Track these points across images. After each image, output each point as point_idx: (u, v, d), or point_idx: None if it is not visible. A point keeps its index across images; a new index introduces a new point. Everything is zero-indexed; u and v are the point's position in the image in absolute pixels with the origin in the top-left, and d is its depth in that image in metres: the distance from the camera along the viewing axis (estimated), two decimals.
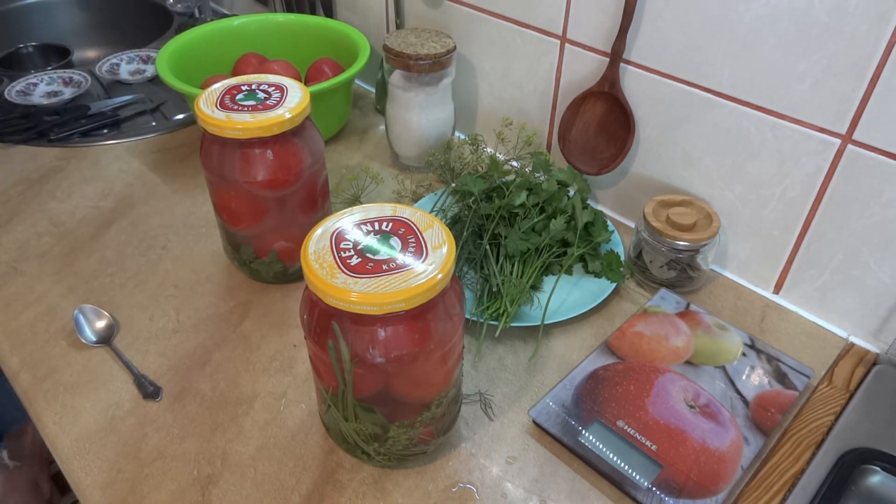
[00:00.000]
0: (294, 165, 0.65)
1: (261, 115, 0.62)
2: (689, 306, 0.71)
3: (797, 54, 0.61)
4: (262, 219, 0.67)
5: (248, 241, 0.69)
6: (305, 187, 0.67)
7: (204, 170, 0.66)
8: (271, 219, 0.67)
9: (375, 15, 1.04)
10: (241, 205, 0.66)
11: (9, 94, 1.04)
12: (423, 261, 0.45)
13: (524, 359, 0.66)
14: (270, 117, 0.61)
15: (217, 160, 0.64)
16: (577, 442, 0.57)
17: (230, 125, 0.60)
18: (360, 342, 0.46)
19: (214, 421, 0.60)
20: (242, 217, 0.68)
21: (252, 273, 0.73)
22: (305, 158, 0.65)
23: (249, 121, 0.61)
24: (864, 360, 0.67)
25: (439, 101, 0.88)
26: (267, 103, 0.63)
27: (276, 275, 0.72)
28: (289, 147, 0.64)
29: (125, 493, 0.54)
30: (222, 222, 0.70)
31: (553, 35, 0.80)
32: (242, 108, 0.62)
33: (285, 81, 0.67)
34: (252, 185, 0.64)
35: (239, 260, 0.72)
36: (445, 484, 0.55)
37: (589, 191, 0.77)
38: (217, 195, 0.68)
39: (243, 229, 0.69)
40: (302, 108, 0.63)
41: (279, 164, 0.64)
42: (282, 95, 0.64)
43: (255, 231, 0.69)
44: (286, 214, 0.68)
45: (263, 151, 0.63)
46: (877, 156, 0.60)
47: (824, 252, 0.68)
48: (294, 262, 0.72)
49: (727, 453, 0.56)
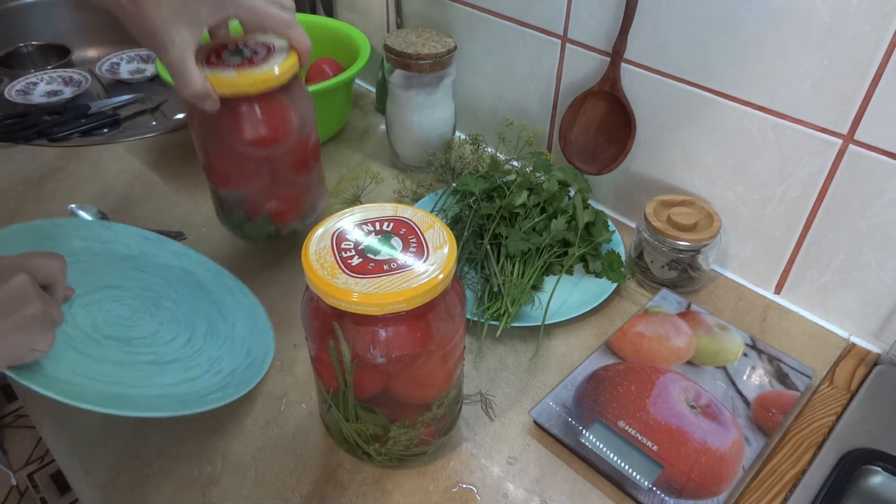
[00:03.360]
0: (282, 124, 0.63)
1: (247, 71, 0.60)
2: (690, 306, 0.71)
3: (799, 54, 0.61)
4: (251, 179, 0.66)
5: (239, 202, 0.68)
6: (295, 147, 0.66)
7: (191, 130, 0.65)
8: (261, 179, 0.66)
9: (376, 14, 1.04)
10: (229, 165, 0.65)
11: (9, 94, 1.04)
12: (424, 261, 0.45)
13: (525, 359, 0.66)
14: (257, 73, 0.60)
15: (204, 119, 0.62)
16: (578, 442, 0.57)
17: (216, 81, 0.58)
18: (360, 342, 0.46)
19: (214, 421, 0.60)
20: (232, 178, 0.66)
21: (244, 235, 0.71)
22: (293, 117, 0.64)
23: (235, 77, 0.59)
24: (866, 361, 0.67)
25: (440, 101, 0.88)
26: (253, 60, 0.61)
27: (268, 236, 0.71)
28: (276, 105, 0.62)
29: (125, 493, 0.54)
30: (212, 184, 0.69)
31: (554, 35, 0.80)
32: (228, 66, 0.60)
33: (273, 40, 0.64)
34: (240, 143, 0.62)
35: (230, 222, 0.70)
36: (446, 484, 0.55)
37: (590, 191, 0.77)
38: (205, 156, 0.66)
39: (233, 190, 0.67)
40: (290, 65, 0.61)
41: (267, 122, 0.62)
42: (268, 53, 0.62)
43: (246, 192, 0.67)
44: (276, 175, 0.66)
45: (251, 109, 0.61)
46: (878, 156, 0.60)
47: (825, 252, 0.68)
48: (286, 223, 0.70)
49: (728, 454, 0.56)
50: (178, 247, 0.72)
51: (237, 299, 0.68)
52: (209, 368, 0.58)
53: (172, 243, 0.71)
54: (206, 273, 0.70)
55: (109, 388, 0.52)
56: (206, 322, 0.64)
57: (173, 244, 0.71)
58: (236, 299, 0.68)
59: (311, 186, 0.72)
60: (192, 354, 0.59)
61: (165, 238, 0.72)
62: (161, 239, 0.71)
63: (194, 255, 0.71)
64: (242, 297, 0.69)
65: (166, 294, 0.65)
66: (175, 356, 0.58)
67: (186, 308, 0.64)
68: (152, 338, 0.60)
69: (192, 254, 0.71)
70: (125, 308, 0.61)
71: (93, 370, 0.53)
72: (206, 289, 0.68)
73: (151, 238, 0.71)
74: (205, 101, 0.58)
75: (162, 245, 0.71)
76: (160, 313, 0.62)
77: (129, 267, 0.66)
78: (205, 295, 0.67)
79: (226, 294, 0.68)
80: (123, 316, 0.60)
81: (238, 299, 0.69)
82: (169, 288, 0.66)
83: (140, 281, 0.65)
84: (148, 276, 0.66)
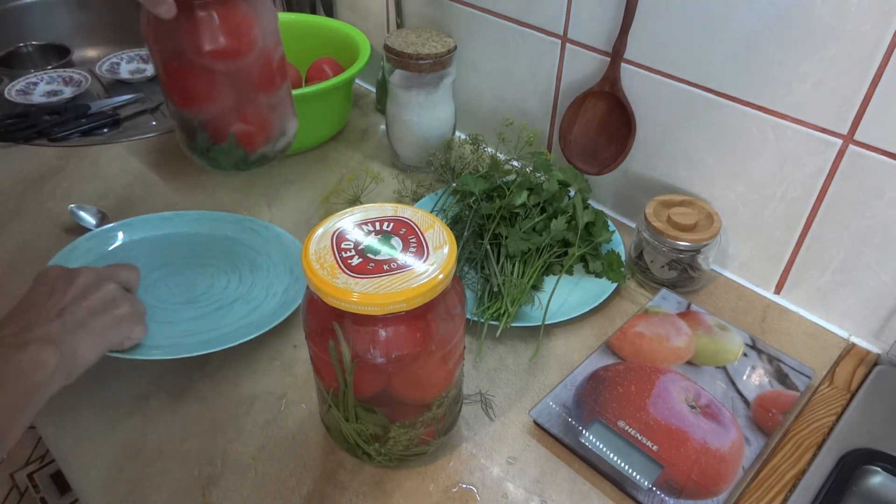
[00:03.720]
0: (245, 32, 0.60)
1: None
2: (690, 306, 0.71)
3: (799, 54, 0.61)
4: (215, 97, 0.62)
5: (203, 125, 0.64)
6: (260, 61, 0.63)
7: (147, 44, 0.61)
8: (226, 97, 0.62)
9: (376, 14, 1.04)
10: (190, 81, 0.61)
11: (9, 94, 1.04)
12: (424, 261, 0.45)
13: (525, 359, 0.66)
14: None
15: (163, 32, 0.59)
16: (578, 442, 0.57)
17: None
18: (360, 342, 0.46)
19: (214, 421, 0.60)
20: (194, 95, 0.62)
21: (211, 162, 0.67)
22: (257, 25, 0.61)
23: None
24: (866, 361, 0.67)
25: (440, 101, 0.88)
26: None
27: (236, 163, 0.67)
28: (239, 11, 0.59)
29: (125, 493, 0.54)
30: (173, 106, 0.65)
31: (554, 35, 0.80)
32: None
33: None
34: (200, 55, 0.59)
35: (196, 149, 0.66)
36: (446, 484, 0.55)
37: (590, 191, 0.77)
38: (165, 72, 0.62)
39: (196, 111, 0.63)
40: None
41: (229, 29, 0.59)
42: None
43: (210, 112, 0.63)
44: (241, 92, 0.63)
45: (210, 15, 0.58)
46: (878, 156, 0.60)
47: (825, 252, 0.68)
48: (255, 149, 0.67)
49: (728, 454, 0.56)
50: (194, 215, 0.81)
51: (262, 234, 0.79)
52: (266, 294, 0.71)
53: (188, 214, 0.81)
54: (227, 224, 0.80)
55: (195, 339, 0.64)
56: (246, 262, 0.75)
57: (188, 214, 0.81)
58: (261, 235, 0.79)
59: (278, 106, 0.67)
60: (247, 290, 0.71)
61: (181, 212, 0.81)
62: (178, 215, 0.80)
63: (211, 215, 0.81)
64: (265, 230, 0.79)
65: (204, 254, 0.76)
66: (234, 297, 0.70)
67: (225, 258, 0.76)
68: (210, 290, 0.72)
69: (209, 214, 0.81)
70: (178, 277, 0.73)
71: (176, 331, 0.65)
72: (233, 237, 0.79)
73: (169, 217, 0.80)
74: (159, 4, 0.54)
75: (181, 219, 0.80)
76: (207, 270, 0.74)
77: (164, 245, 0.77)
78: (234, 242, 0.78)
79: (251, 234, 0.79)
80: (180, 283, 0.72)
81: (263, 234, 0.79)
82: (204, 249, 0.77)
83: (178, 253, 0.76)
84: (182, 248, 0.77)
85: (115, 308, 0.55)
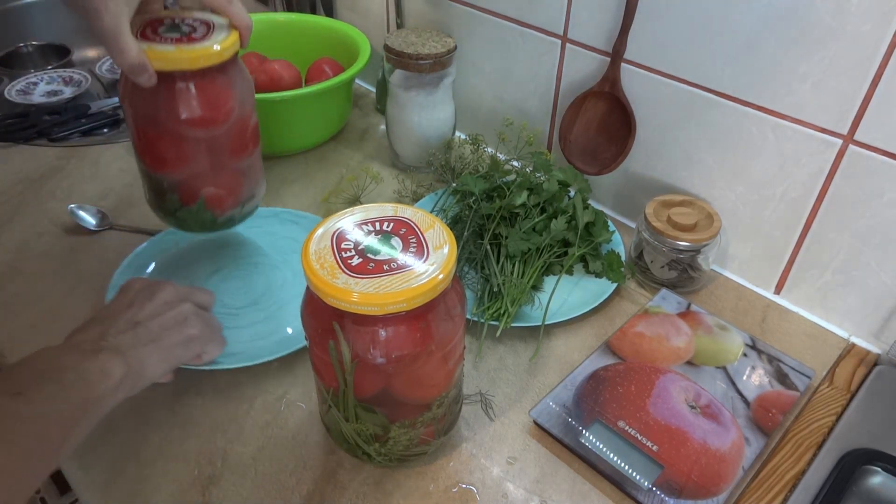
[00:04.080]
0: (223, 104, 0.61)
1: (186, 46, 0.57)
2: (690, 306, 0.71)
3: (799, 54, 0.61)
4: (188, 162, 0.63)
5: (174, 187, 0.65)
6: (234, 129, 0.63)
7: (123, 106, 0.62)
8: (198, 162, 0.63)
9: (376, 14, 1.04)
10: (164, 146, 0.62)
11: (9, 94, 1.04)
12: (424, 261, 0.45)
13: (525, 359, 0.66)
14: (197, 49, 0.57)
15: (140, 98, 0.59)
16: (578, 442, 0.57)
17: (153, 55, 0.55)
18: (360, 342, 0.46)
19: (214, 421, 0.60)
20: (167, 160, 0.63)
21: (178, 223, 0.68)
22: (234, 97, 0.62)
23: (174, 51, 0.56)
24: (865, 361, 0.67)
25: (440, 101, 0.88)
26: (193, 36, 0.58)
27: (203, 224, 0.68)
28: (217, 84, 0.60)
29: (125, 493, 0.54)
30: (145, 167, 0.65)
31: (554, 35, 0.80)
32: (166, 40, 0.57)
33: (212, 18, 0.62)
34: (177, 123, 0.60)
35: (164, 210, 0.67)
36: (446, 484, 0.55)
37: (590, 191, 0.77)
38: (139, 136, 0.63)
39: (168, 174, 0.64)
40: (231, 42, 0.59)
41: (206, 101, 0.60)
42: (208, 30, 0.60)
43: (181, 176, 0.64)
44: (214, 158, 0.63)
45: (189, 87, 0.59)
46: (878, 156, 0.60)
47: (825, 252, 0.68)
48: (223, 211, 0.68)
49: (728, 454, 0.56)
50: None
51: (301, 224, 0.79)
52: None
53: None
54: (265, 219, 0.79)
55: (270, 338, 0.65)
56: (294, 254, 0.75)
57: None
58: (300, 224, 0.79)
59: (249, 171, 0.68)
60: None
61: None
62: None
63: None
64: (303, 219, 0.80)
65: (254, 252, 0.76)
66: (294, 293, 0.70)
67: (275, 253, 0.76)
68: (269, 289, 0.72)
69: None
70: (234, 280, 0.73)
71: (247, 335, 0.66)
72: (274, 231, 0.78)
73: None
74: (140, 73, 0.55)
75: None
76: (260, 269, 0.74)
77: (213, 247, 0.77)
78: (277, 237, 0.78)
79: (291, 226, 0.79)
80: (239, 286, 0.72)
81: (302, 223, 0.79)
82: (251, 247, 0.77)
83: (229, 254, 0.76)
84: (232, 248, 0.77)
85: (188, 327, 0.56)
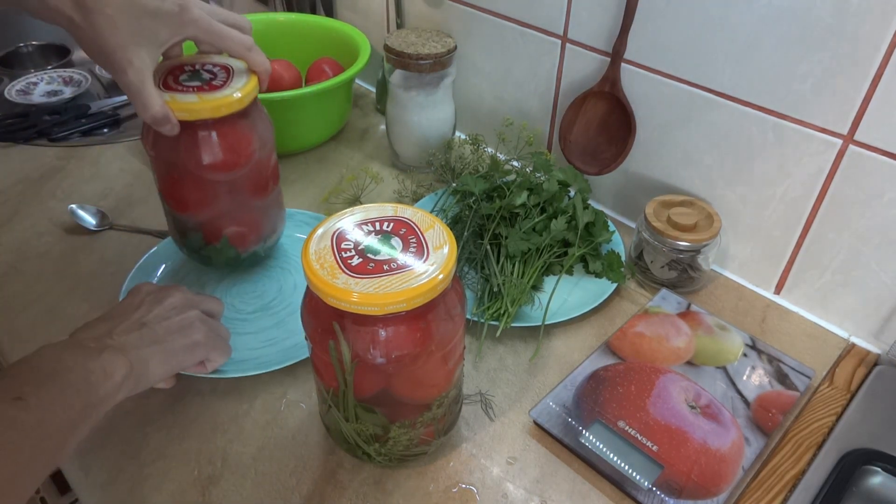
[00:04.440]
0: (244, 148, 0.62)
1: (208, 95, 0.58)
2: (690, 307, 0.71)
3: (799, 54, 0.61)
4: (211, 204, 0.65)
5: (198, 227, 0.67)
6: (255, 170, 0.65)
7: (148, 154, 0.64)
8: (221, 203, 0.65)
9: (376, 14, 1.04)
10: (189, 190, 0.64)
11: (9, 94, 1.04)
12: (424, 261, 0.45)
13: (525, 359, 0.66)
14: (218, 97, 0.59)
15: (163, 143, 0.61)
16: (578, 442, 0.57)
17: (176, 106, 0.57)
18: (360, 342, 0.46)
19: (214, 421, 0.60)
20: (191, 203, 0.65)
21: (203, 260, 0.70)
22: (255, 140, 0.63)
23: (196, 102, 0.58)
24: (866, 361, 0.67)
25: (440, 101, 0.88)
26: (213, 83, 0.60)
27: (228, 261, 0.70)
28: (238, 129, 0.62)
29: (125, 493, 0.54)
30: (170, 209, 0.67)
31: (554, 35, 0.80)
32: (187, 89, 0.59)
33: (230, 62, 0.64)
34: (201, 169, 0.61)
35: (188, 247, 0.69)
36: (446, 484, 0.55)
37: (590, 191, 0.77)
38: (164, 180, 0.65)
39: (192, 215, 0.66)
40: (251, 88, 0.61)
41: (228, 146, 0.61)
42: (228, 76, 0.61)
43: (205, 217, 0.66)
44: (236, 198, 0.65)
45: (212, 133, 0.60)
46: (878, 156, 0.60)
47: (825, 252, 0.68)
48: (246, 248, 0.70)
49: (728, 454, 0.56)
50: None
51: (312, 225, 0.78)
52: None
53: None
54: None
55: (281, 345, 0.65)
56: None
57: None
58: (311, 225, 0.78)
59: (271, 209, 0.71)
60: None
61: None
62: None
63: None
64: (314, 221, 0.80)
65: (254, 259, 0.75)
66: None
67: (285, 256, 0.76)
68: (280, 294, 0.71)
69: None
70: (244, 284, 0.72)
71: (258, 340, 0.66)
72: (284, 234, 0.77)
73: None
74: (164, 125, 0.57)
75: None
76: (271, 273, 0.74)
77: None
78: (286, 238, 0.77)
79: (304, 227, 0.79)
80: (250, 291, 0.72)
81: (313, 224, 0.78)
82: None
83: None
84: None
85: (193, 333, 0.56)
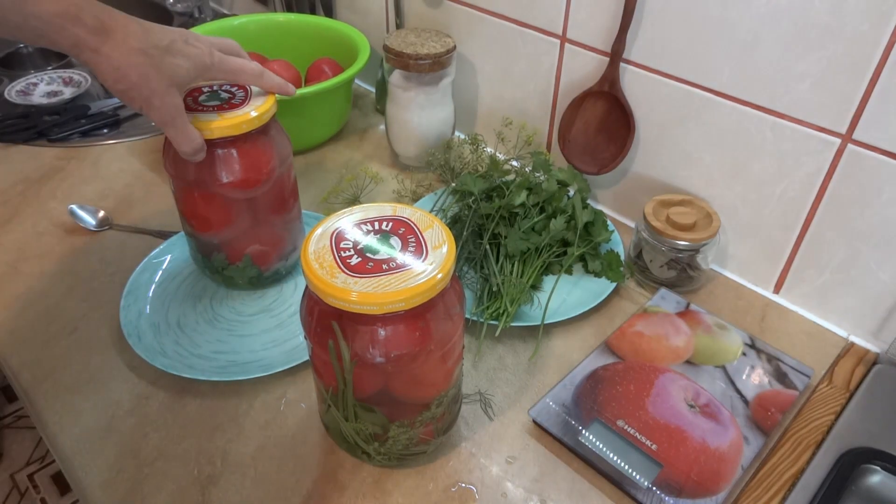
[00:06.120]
0: (264, 165, 0.64)
1: (227, 114, 0.60)
2: (689, 306, 0.71)
3: (797, 53, 0.61)
4: (233, 222, 0.66)
5: (220, 247, 0.68)
6: (276, 187, 0.66)
7: (170, 175, 0.65)
8: (243, 222, 0.66)
9: (375, 15, 1.04)
10: (211, 209, 0.65)
11: (9, 94, 1.04)
12: (423, 260, 0.45)
13: (524, 358, 0.66)
14: (238, 115, 0.60)
15: (185, 163, 0.62)
16: (578, 441, 0.57)
17: (199, 125, 0.58)
18: (360, 342, 0.46)
19: (214, 421, 0.60)
20: (213, 222, 0.66)
21: (226, 280, 0.71)
22: (274, 157, 0.64)
23: (218, 120, 0.59)
24: (864, 360, 0.67)
25: (439, 101, 0.88)
26: (232, 102, 0.62)
27: (250, 280, 0.70)
28: (257, 146, 0.63)
29: (125, 493, 0.54)
30: (192, 230, 0.68)
31: (553, 35, 0.80)
32: (208, 109, 0.61)
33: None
34: (222, 186, 0.62)
35: (211, 268, 0.70)
36: (445, 484, 0.55)
37: (589, 190, 0.77)
38: (185, 201, 0.66)
39: (214, 235, 0.67)
40: (268, 106, 0.62)
41: (249, 163, 0.63)
42: (246, 95, 0.63)
43: (227, 236, 0.67)
44: (257, 216, 0.66)
45: (231, 151, 0.62)
46: (877, 155, 0.60)
47: (824, 252, 0.68)
48: (268, 266, 0.71)
49: (727, 453, 0.56)
50: None
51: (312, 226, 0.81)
52: None
53: None
54: None
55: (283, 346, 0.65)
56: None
57: None
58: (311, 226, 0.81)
59: (291, 225, 0.71)
60: None
61: None
62: None
63: None
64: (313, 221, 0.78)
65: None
66: None
67: None
68: (281, 296, 0.72)
69: None
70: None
71: (260, 343, 0.66)
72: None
73: None
74: (198, 154, 0.59)
75: None
76: None
77: None
78: None
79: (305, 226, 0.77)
80: (249, 293, 0.72)
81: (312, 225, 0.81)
82: None
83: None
84: None
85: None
